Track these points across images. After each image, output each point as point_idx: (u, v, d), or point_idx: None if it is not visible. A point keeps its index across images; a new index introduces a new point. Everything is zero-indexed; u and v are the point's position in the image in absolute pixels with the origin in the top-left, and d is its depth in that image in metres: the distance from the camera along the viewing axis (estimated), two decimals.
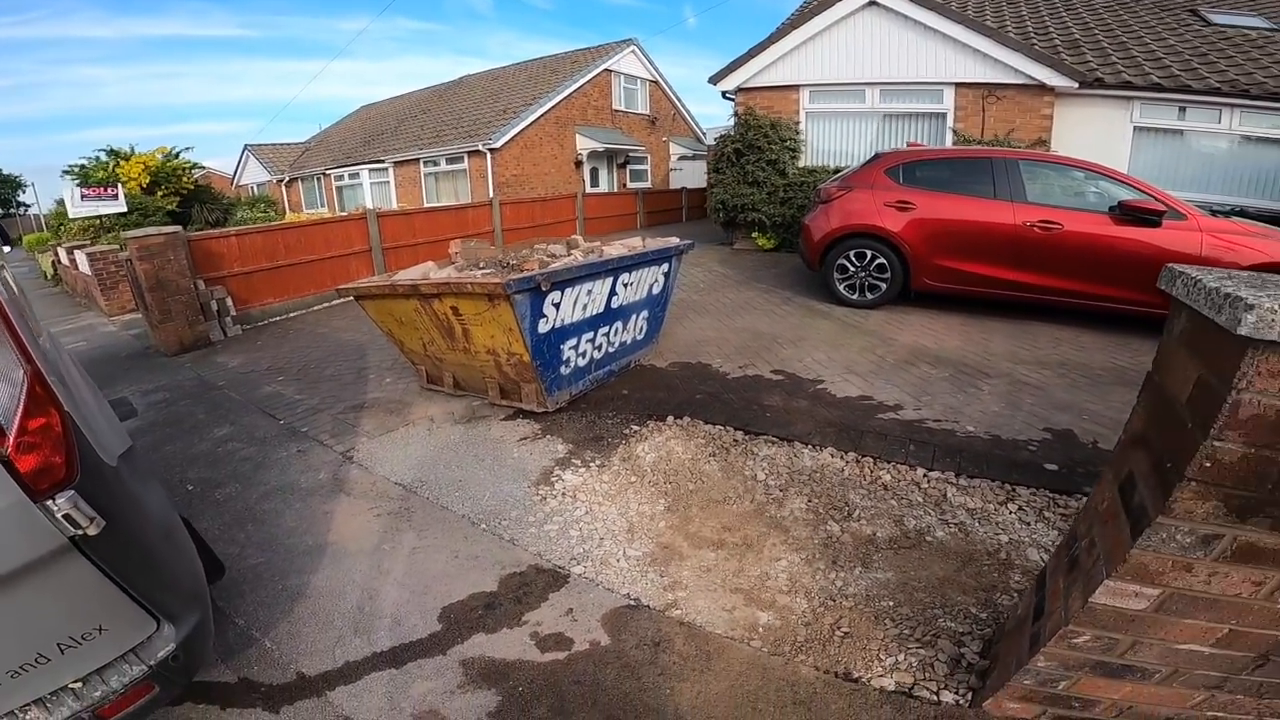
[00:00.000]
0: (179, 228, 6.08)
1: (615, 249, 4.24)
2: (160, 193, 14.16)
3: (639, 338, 4.66)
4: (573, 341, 3.89)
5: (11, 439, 1.24)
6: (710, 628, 2.20)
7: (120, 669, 1.51)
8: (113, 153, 14.53)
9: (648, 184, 20.15)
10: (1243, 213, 6.88)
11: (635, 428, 3.74)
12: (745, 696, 1.92)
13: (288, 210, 21.54)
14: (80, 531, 1.28)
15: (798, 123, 9.94)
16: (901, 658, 2.01)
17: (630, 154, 19.43)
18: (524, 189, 15.72)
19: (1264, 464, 1.13)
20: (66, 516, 1.25)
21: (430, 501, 3.06)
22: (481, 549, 2.68)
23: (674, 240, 4.81)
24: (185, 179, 15.17)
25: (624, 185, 19.27)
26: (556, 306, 3.60)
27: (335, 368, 5.17)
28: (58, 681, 1.44)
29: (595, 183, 18.68)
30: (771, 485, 3.12)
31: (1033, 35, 9.74)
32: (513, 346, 3.54)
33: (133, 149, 14.73)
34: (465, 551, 2.66)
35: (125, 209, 11.38)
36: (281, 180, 22.63)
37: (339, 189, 19.88)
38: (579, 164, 17.73)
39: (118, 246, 9.11)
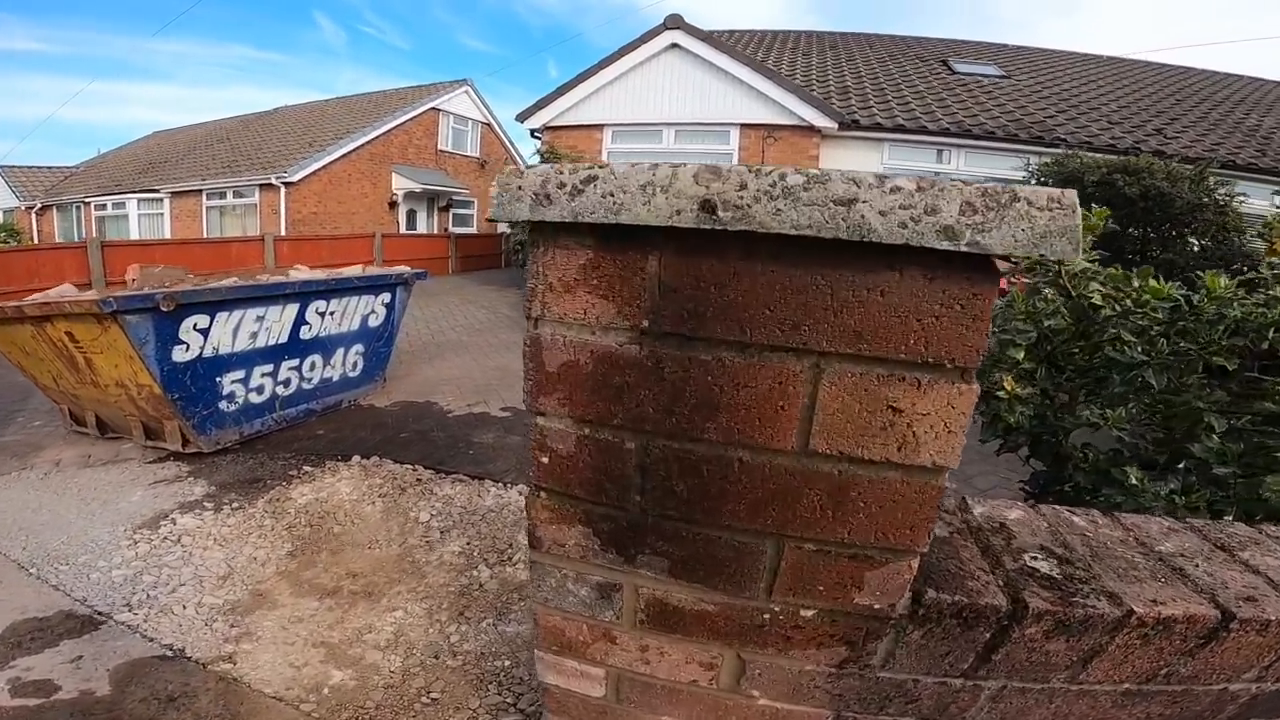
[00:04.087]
0: None
1: (306, 273, 4.02)
2: None
3: (351, 374, 4.40)
4: (239, 374, 3.57)
5: None
6: (259, 685, 1.97)
7: None
8: None
9: (473, 228, 19.97)
10: None
11: (308, 469, 3.46)
12: None
13: (36, 242, 18.90)
14: None
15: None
16: None
17: (453, 197, 19.21)
18: (325, 228, 14.92)
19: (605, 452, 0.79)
20: None
21: None
22: (9, 594, 2.30)
23: (401, 267, 4.68)
24: None
25: (446, 229, 18.94)
26: (203, 333, 3.30)
27: None
28: None
29: (413, 225, 18.20)
30: (434, 527, 2.98)
31: (815, 83, 11.00)
32: (139, 377, 3.17)
33: None
34: None
35: None
36: (32, 207, 19.92)
37: (101, 219, 17.82)
38: (394, 205, 17.23)
39: None
